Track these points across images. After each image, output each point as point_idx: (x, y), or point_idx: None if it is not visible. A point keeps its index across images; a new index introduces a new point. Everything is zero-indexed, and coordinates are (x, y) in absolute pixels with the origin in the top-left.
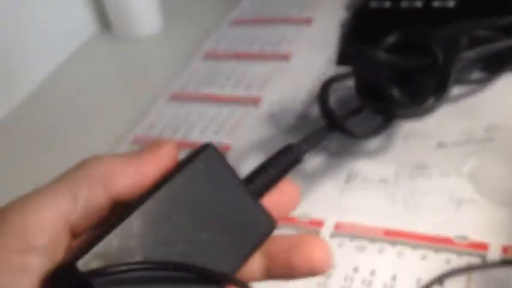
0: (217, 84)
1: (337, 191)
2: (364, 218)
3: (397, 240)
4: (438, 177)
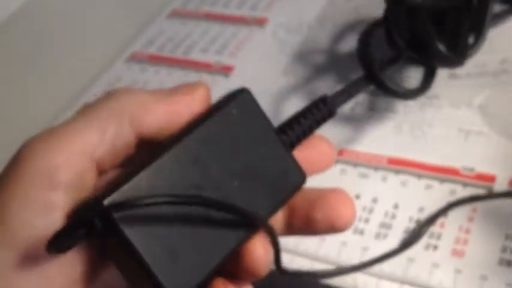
0: (220, 2)
1: (343, 118)
2: (368, 146)
3: (401, 169)
4: (448, 108)
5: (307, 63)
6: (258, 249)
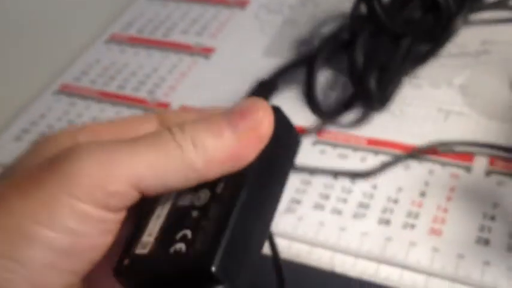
0: None
1: (322, 97)
2: (347, 127)
3: (380, 149)
4: (428, 88)
5: (289, 44)
6: None
